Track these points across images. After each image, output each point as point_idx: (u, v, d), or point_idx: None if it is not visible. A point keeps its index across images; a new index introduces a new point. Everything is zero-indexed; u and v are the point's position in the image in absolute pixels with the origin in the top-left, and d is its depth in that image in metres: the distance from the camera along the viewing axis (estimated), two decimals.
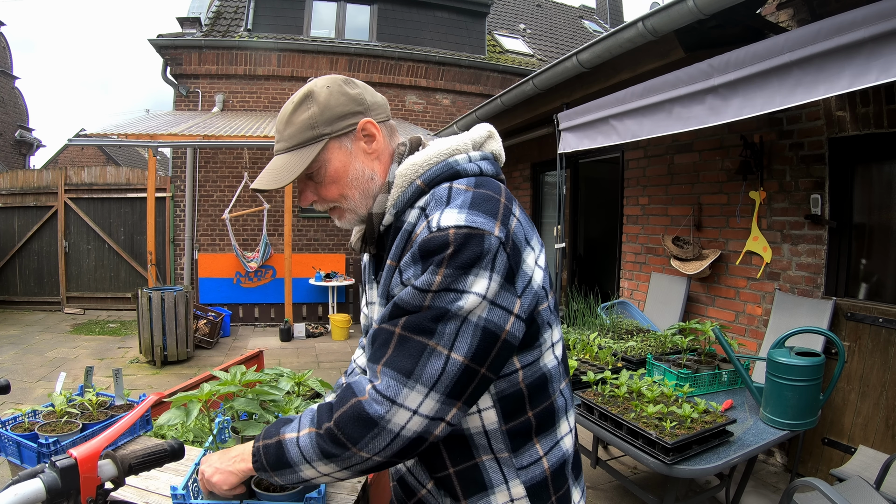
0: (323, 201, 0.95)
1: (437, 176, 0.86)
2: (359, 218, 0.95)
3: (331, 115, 0.89)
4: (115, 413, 1.62)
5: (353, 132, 0.91)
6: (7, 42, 13.17)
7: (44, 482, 0.73)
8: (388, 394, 0.75)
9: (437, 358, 0.74)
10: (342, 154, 0.91)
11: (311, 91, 0.90)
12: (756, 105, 2.11)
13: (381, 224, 0.91)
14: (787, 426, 2.20)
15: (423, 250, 0.76)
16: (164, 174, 8.25)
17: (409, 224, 0.84)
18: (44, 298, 8.16)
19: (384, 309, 0.82)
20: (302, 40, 8.15)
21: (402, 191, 0.88)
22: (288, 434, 0.83)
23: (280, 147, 0.92)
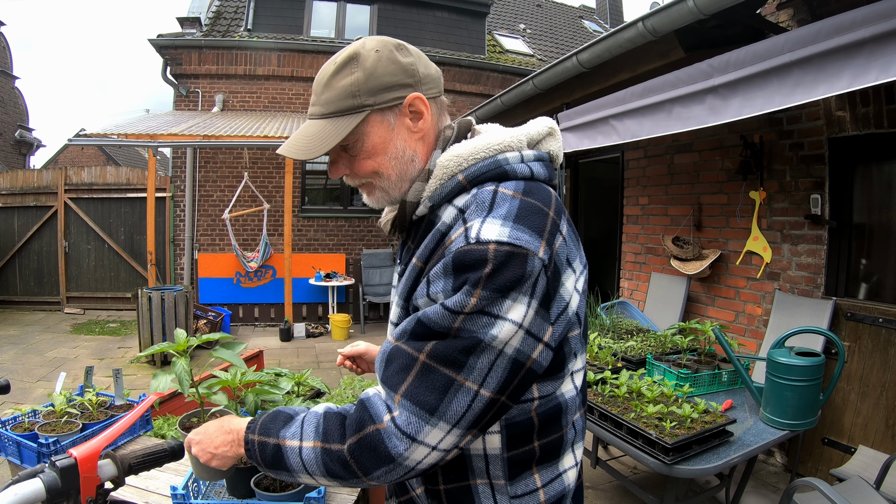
0: (355, 176, 0.86)
1: (482, 174, 0.78)
2: (390, 199, 0.87)
3: (376, 85, 0.79)
4: (115, 413, 1.62)
5: (399, 106, 0.81)
6: (7, 42, 13.17)
7: (44, 482, 0.73)
8: (409, 431, 0.68)
9: (464, 394, 0.68)
10: (383, 129, 0.82)
11: (357, 53, 0.79)
12: (756, 105, 2.11)
13: (414, 214, 0.84)
14: (787, 426, 2.20)
15: (458, 263, 0.69)
16: (164, 174, 8.25)
17: (444, 224, 0.77)
18: (44, 298, 8.15)
19: (404, 322, 0.74)
20: (302, 40, 8.15)
21: (440, 183, 0.80)
22: (289, 441, 0.77)
23: (315, 111, 0.82)
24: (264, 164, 7.74)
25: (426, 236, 0.79)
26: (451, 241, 0.72)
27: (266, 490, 1.19)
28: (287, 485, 1.21)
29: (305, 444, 0.76)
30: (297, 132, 0.84)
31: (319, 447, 0.74)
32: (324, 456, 0.74)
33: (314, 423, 0.77)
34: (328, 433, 0.75)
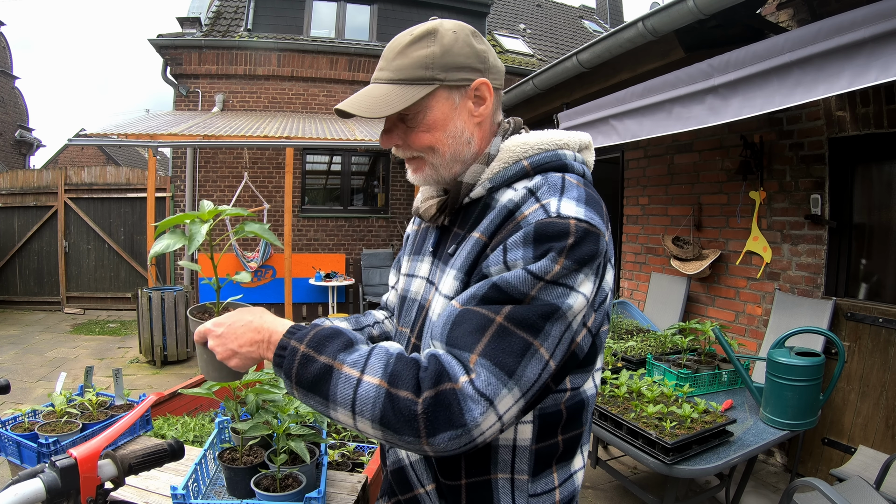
0: (408, 148, 0.86)
1: (545, 163, 0.81)
2: (437, 178, 0.86)
3: (450, 62, 0.81)
4: (115, 413, 1.62)
5: (465, 88, 0.83)
6: (7, 42, 13.17)
7: (44, 482, 0.72)
8: (487, 393, 0.64)
9: (537, 361, 0.67)
10: (447, 106, 0.83)
11: (435, 29, 0.82)
12: (756, 105, 2.11)
13: (468, 196, 0.84)
14: (787, 426, 2.20)
15: (540, 234, 0.70)
16: (164, 174, 8.25)
17: (511, 202, 0.77)
18: (44, 298, 8.15)
19: (472, 288, 0.72)
20: (302, 40, 8.15)
21: (504, 167, 0.82)
22: (347, 367, 0.68)
23: (382, 76, 0.82)
24: (264, 164, 7.74)
25: (483, 218, 0.80)
26: (525, 216, 0.73)
27: (266, 490, 1.19)
28: (287, 485, 1.21)
29: (367, 377, 0.67)
30: (360, 93, 0.82)
31: (384, 388, 0.66)
32: (386, 400, 0.65)
33: (383, 359, 0.69)
34: (398, 377, 0.67)
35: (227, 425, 1.47)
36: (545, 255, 0.69)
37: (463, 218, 0.86)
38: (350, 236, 8.14)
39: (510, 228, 0.74)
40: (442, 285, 0.83)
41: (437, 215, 0.89)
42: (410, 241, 1.03)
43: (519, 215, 0.75)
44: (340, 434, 2.16)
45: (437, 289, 0.84)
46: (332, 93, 8.24)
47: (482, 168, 0.84)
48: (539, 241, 0.70)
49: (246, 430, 1.24)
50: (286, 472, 1.23)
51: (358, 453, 1.91)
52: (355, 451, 1.92)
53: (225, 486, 1.28)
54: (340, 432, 2.18)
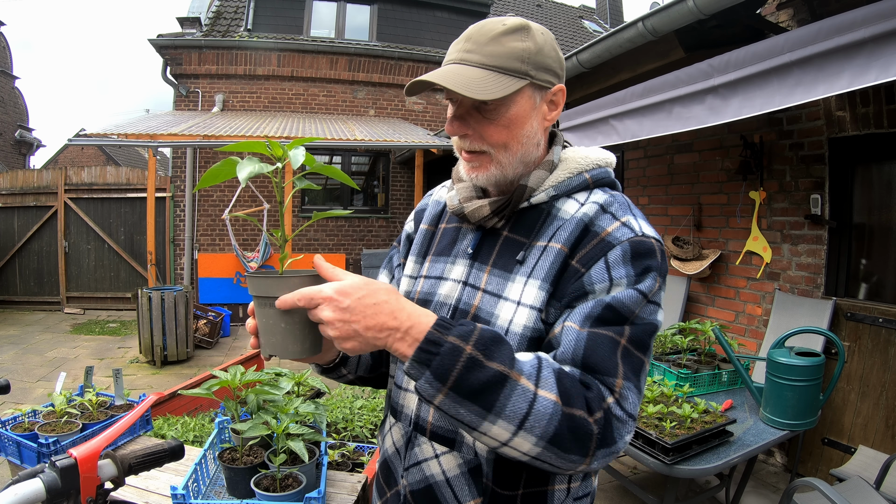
0: (479, 140, 0.81)
1: (601, 178, 0.85)
2: (501, 178, 0.83)
3: (541, 61, 0.80)
4: (115, 413, 1.62)
5: (547, 90, 0.82)
6: (7, 42, 13.17)
7: (44, 482, 0.72)
8: (634, 413, 0.69)
9: (645, 377, 0.74)
10: (528, 105, 0.81)
11: (527, 25, 0.80)
12: (756, 105, 2.11)
13: (528, 201, 0.83)
14: (786, 426, 2.20)
15: (636, 252, 0.74)
16: (164, 174, 8.26)
17: (585, 215, 0.79)
18: (44, 298, 8.15)
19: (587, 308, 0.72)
20: (302, 40, 8.15)
21: (569, 177, 0.83)
22: (524, 379, 0.64)
23: (472, 59, 0.78)
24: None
25: (548, 226, 0.81)
26: (609, 232, 0.76)
27: (266, 490, 1.19)
28: (287, 485, 1.21)
29: (543, 392, 0.64)
30: (449, 70, 0.78)
31: (560, 406, 0.64)
32: (563, 419, 0.63)
33: (553, 373, 0.66)
34: (571, 395, 0.65)
35: (227, 425, 1.47)
36: (646, 273, 0.74)
37: (519, 223, 0.84)
38: (350, 236, 8.14)
39: (597, 244, 0.76)
40: (510, 292, 0.79)
41: (489, 217, 0.84)
42: (422, 242, 0.96)
43: (601, 231, 0.77)
44: (340, 434, 2.17)
45: (503, 296, 0.80)
46: (332, 93, 8.24)
47: (546, 175, 0.84)
48: (637, 259, 0.74)
49: (246, 431, 1.24)
50: (286, 472, 1.23)
51: (358, 453, 1.91)
52: (355, 451, 1.92)
53: (225, 486, 1.28)
54: (340, 432, 2.18)
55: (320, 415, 1.36)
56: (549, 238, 0.80)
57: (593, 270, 0.74)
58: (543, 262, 0.78)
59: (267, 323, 0.72)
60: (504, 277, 0.81)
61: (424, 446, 0.83)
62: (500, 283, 0.82)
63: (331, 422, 2.23)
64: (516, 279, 0.80)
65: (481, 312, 0.81)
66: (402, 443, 0.87)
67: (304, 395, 1.71)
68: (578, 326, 0.71)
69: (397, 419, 0.89)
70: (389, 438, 0.91)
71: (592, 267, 0.75)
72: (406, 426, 0.86)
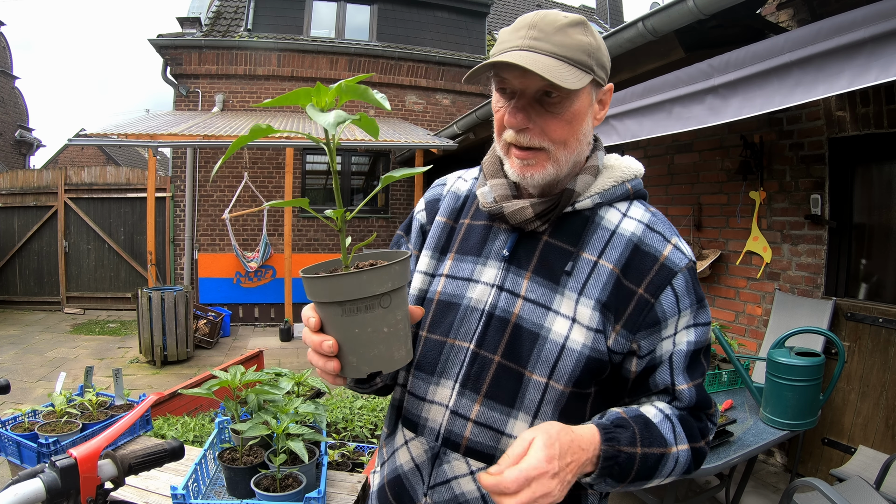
0: (539, 135, 0.76)
1: (638, 190, 0.85)
2: (555, 178, 0.78)
3: (601, 58, 0.78)
4: (115, 413, 1.62)
5: (600, 88, 0.80)
6: (7, 42, 13.17)
7: (44, 482, 0.72)
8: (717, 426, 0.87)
9: None
10: (587, 101, 0.78)
11: (585, 21, 0.77)
12: (755, 105, 2.11)
13: (573, 205, 0.80)
14: (786, 426, 2.20)
15: (694, 278, 0.79)
16: (164, 174, 8.26)
17: (633, 235, 0.79)
18: (44, 298, 8.15)
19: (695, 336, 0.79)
20: (302, 40, 8.15)
21: (614, 185, 0.82)
22: (672, 448, 0.76)
23: (542, 47, 0.73)
24: (264, 164, 7.75)
25: (591, 236, 0.80)
26: (666, 257, 0.78)
27: (266, 490, 1.19)
28: (287, 485, 1.21)
29: (682, 447, 0.77)
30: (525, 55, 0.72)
31: (689, 448, 0.78)
32: (692, 456, 0.78)
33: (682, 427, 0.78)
34: (693, 434, 0.79)
35: (227, 425, 1.47)
36: (703, 301, 0.80)
37: (561, 229, 0.80)
38: (350, 236, 8.14)
39: (659, 270, 0.77)
40: (561, 306, 0.77)
41: (532, 220, 0.79)
42: (439, 236, 0.88)
43: (657, 255, 0.78)
44: (340, 434, 2.17)
45: (552, 308, 0.77)
46: None
47: (591, 180, 0.81)
48: (695, 285, 0.79)
49: (245, 431, 1.24)
50: (286, 472, 1.23)
51: (358, 453, 1.91)
52: (355, 451, 1.92)
53: (225, 486, 1.28)
54: (340, 432, 2.18)
55: (320, 415, 1.36)
56: (597, 252, 0.78)
57: (664, 301, 0.77)
58: (595, 282, 0.77)
59: (362, 334, 0.59)
60: (550, 288, 0.78)
61: (456, 463, 0.78)
62: (545, 294, 0.78)
63: (331, 422, 2.23)
64: (566, 293, 0.77)
65: (524, 322, 0.77)
66: (425, 459, 0.81)
67: (304, 395, 1.71)
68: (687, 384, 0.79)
69: (417, 433, 0.82)
70: (405, 454, 0.84)
71: (661, 296, 0.77)
72: (431, 441, 0.80)
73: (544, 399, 0.76)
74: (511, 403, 0.77)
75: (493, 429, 0.77)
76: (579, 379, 0.76)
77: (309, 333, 0.65)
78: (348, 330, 0.59)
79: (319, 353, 0.63)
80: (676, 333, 0.78)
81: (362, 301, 0.57)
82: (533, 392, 0.76)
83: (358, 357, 0.60)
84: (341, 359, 0.62)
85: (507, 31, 0.78)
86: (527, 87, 0.75)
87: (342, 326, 0.59)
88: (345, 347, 0.60)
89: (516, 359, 0.77)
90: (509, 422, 0.77)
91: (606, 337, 0.76)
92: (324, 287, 0.58)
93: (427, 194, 0.97)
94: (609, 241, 0.78)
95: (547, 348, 0.76)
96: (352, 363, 0.60)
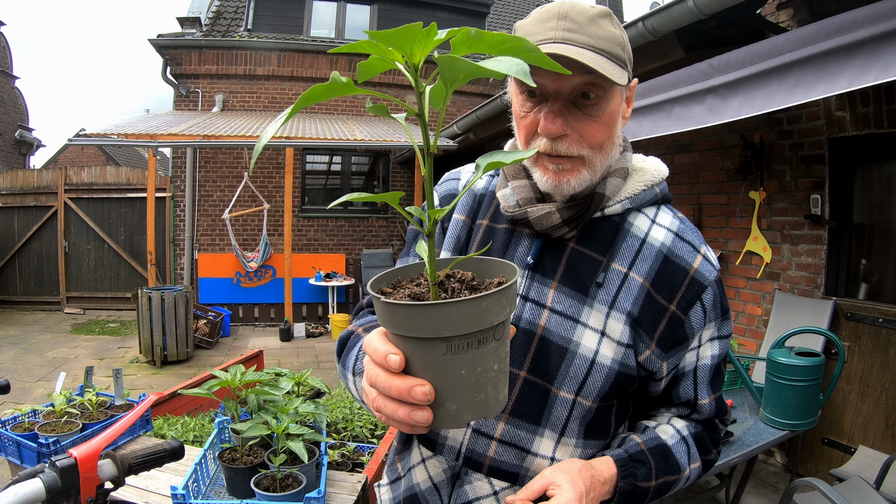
0: (577, 142, 0.70)
1: (665, 194, 0.81)
2: (588, 183, 0.73)
3: (629, 52, 0.72)
4: (115, 413, 1.62)
5: (628, 85, 0.73)
6: (7, 42, 13.17)
7: (44, 482, 0.72)
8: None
9: None
10: (619, 99, 0.72)
11: (612, 13, 0.71)
12: (756, 105, 2.11)
13: (602, 211, 0.75)
14: (786, 426, 2.20)
15: (722, 289, 0.78)
16: (164, 174, 8.25)
17: (664, 245, 0.75)
18: (44, 298, 8.15)
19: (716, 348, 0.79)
20: (302, 40, 8.15)
21: (644, 190, 0.77)
22: (685, 471, 0.79)
23: (581, 40, 0.66)
24: (264, 164, 7.74)
25: (620, 245, 0.75)
26: (696, 269, 0.76)
27: (266, 490, 1.19)
28: (287, 485, 1.21)
29: (695, 465, 0.80)
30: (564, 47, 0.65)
31: (701, 463, 0.81)
32: (703, 467, 0.82)
33: (695, 445, 0.80)
34: (706, 448, 0.82)
35: (227, 425, 1.47)
36: (728, 312, 0.80)
37: (588, 236, 0.76)
38: (350, 236, 8.14)
39: (689, 284, 0.75)
40: (590, 319, 0.73)
41: (559, 226, 0.73)
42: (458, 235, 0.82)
43: (688, 268, 0.76)
44: (340, 434, 2.17)
45: (580, 321, 0.73)
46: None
47: (621, 183, 0.76)
48: (722, 296, 0.78)
49: (246, 431, 1.24)
50: (286, 472, 1.23)
51: (358, 453, 1.91)
52: (355, 451, 1.92)
53: (225, 486, 1.28)
54: (340, 432, 2.18)
55: (320, 415, 1.36)
56: (627, 264, 0.74)
57: (692, 317, 0.76)
58: (626, 295, 0.73)
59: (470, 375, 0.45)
60: (578, 300, 0.73)
61: (478, 483, 0.75)
62: (573, 305, 0.73)
63: (331, 422, 2.23)
64: (595, 305, 0.73)
65: (551, 335, 0.73)
66: (445, 479, 0.77)
67: (304, 395, 1.71)
68: (709, 398, 0.80)
69: (435, 452, 0.79)
70: (422, 473, 0.80)
71: (690, 312, 0.76)
72: (451, 460, 0.77)
73: (571, 416, 0.73)
74: (537, 421, 0.74)
75: (519, 447, 0.74)
76: (607, 394, 0.73)
77: (384, 376, 0.48)
78: (451, 372, 0.44)
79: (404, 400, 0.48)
80: (701, 346, 0.78)
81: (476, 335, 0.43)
82: (560, 409, 0.73)
83: (460, 404, 0.46)
84: (435, 407, 0.47)
85: (530, 23, 0.70)
86: (562, 88, 0.68)
87: (442, 368, 0.44)
88: (443, 393, 0.45)
89: (543, 374, 0.73)
90: (535, 440, 0.74)
91: (637, 353, 0.73)
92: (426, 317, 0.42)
93: (441, 188, 0.90)
94: (639, 251, 0.74)
95: (576, 364, 0.72)
96: (449, 412, 0.46)
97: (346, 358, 0.79)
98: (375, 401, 0.51)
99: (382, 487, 0.89)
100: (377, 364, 0.49)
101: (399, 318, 0.44)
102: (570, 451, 0.75)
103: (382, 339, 0.49)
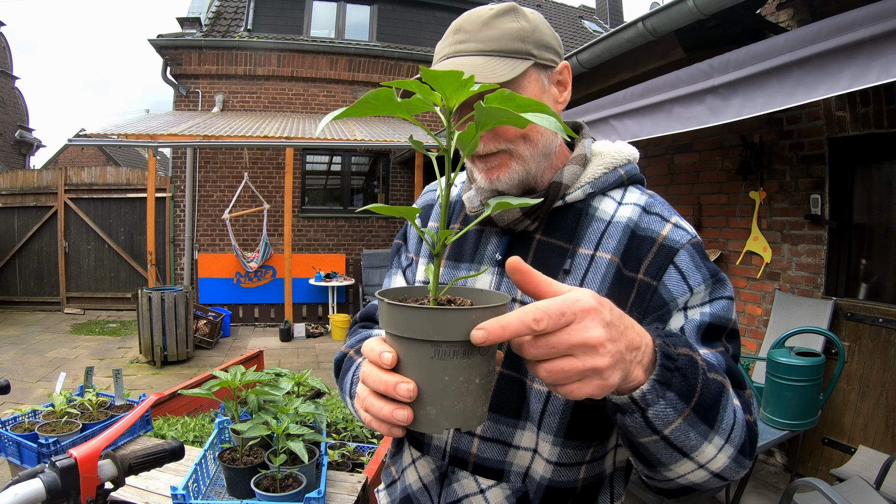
0: (494, 139, 0.73)
1: (633, 174, 0.80)
2: (525, 175, 0.75)
3: (540, 38, 0.73)
4: (115, 413, 1.62)
5: (551, 70, 0.76)
6: (7, 42, 13.17)
7: (44, 482, 0.72)
8: None
9: None
10: (538, 87, 0.74)
11: (516, 7, 0.74)
12: (756, 105, 2.11)
13: (563, 199, 0.76)
14: (786, 426, 2.20)
15: (702, 254, 0.72)
16: (164, 174, 8.26)
17: (629, 220, 0.74)
18: (44, 298, 8.16)
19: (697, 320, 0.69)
20: (302, 40, 8.16)
21: (605, 173, 0.77)
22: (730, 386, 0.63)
23: (468, 48, 0.71)
24: (264, 164, 7.75)
25: (586, 229, 0.75)
26: (665, 236, 0.72)
27: (266, 490, 1.19)
28: (287, 485, 1.21)
29: (736, 401, 0.63)
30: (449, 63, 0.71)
31: (743, 412, 0.64)
32: (746, 427, 0.63)
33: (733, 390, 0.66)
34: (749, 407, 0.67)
35: (227, 425, 1.47)
36: (717, 274, 0.71)
37: (554, 225, 0.77)
38: (350, 236, 8.14)
39: (658, 251, 0.71)
40: None
41: (520, 220, 0.76)
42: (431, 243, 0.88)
43: (655, 235, 0.72)
44: (340, 434, 2.17)
45: None
46: (331, 93, 8.25)
47: (580, 170, 0.77)
48: (704, 262, 0.72)
49: (246, 431, 1.24)
50: (286, 472, 1.23)
51: (358, 453, 1.91)
52: (355, 451, 1.92)
53: (225, 487, 1.28)
54: (340, 432, 2.18)
55: (320, 415, 1.36)
56: (594, 245, 0.74)
57: (668, 281, 0.70)
58: (594, 275, 0.72)
59: (452, 383, 0.48)
60: None
61: (465, 481, 0.76)
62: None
63: (331, 422, 2.23)
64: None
65: None
66: (434, 479, 0.79)
67: (304, 395, 1.71)
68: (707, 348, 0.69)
69: (423, 452, 0.80)
70: (413, 474, 0.82)
71: (664, 277, 0.71)
72: (438, 460, 0.78)
73: (547, 409, 0.72)
74: (517, 414, 0.74)
75: (501, 441, 0.74)
76: None
77: (376, 371, 0.52)
78: (436, 376, 0.47)
79: (388, 396, 0.50)
80: (688, 309, 0.71)
81: (462, 344, 0.47)
82: (535, 402, 0.72)
83: (439, 409, 0.48)
84: (416, 408, 0.49)
85: (439, 43, 0.76)
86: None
87: (428, 371, 0.48)
88: (425, 396, 0.48)
89: (517, 367, 0.73)
90: (516, 433, 0.74)
91: None
92: (420, 320, 0.47)
93: (420, 200, 0.95)
94: (605, 231, 0.74)
95: None
96: (429, 415, 0.49)
97: (342, 381, 0.82)
98: (364, 400, 0.54)
99: (381, 493, 0.91)
100: (371, 362, 0.53)
101: (394, 318, 0.49)
102: (549, 448, 0.72)
103: (379, 341, 0.54)
